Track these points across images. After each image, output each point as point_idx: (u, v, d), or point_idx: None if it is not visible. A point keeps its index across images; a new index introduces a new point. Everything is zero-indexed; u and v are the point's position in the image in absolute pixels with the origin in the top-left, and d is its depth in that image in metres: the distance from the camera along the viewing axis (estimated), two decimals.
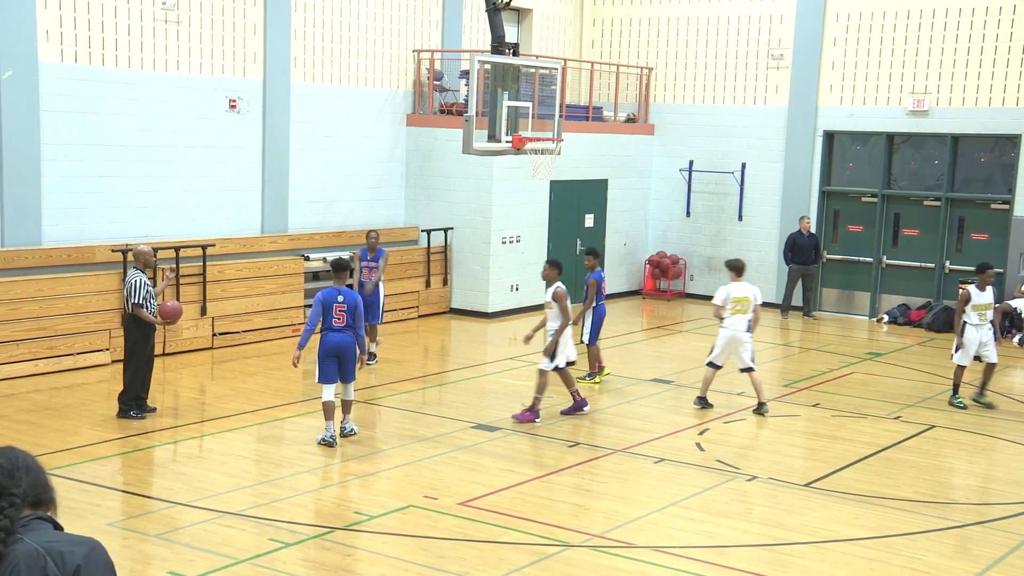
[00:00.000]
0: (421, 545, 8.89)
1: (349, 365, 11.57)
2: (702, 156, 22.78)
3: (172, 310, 12.43)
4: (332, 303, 11.44)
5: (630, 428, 12.79)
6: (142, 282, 12.15)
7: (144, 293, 12.15)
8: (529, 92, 16.66)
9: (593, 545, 9.03)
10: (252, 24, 17.43)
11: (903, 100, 20.78)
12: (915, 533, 9.60)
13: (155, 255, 12.91)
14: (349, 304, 11.44)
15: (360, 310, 11.53)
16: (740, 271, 13.76)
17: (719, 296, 13.64)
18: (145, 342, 12.42)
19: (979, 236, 20.60)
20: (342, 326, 11.43)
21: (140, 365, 12.40)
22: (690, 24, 22.88)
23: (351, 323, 11.45)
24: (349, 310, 11.43)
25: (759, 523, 9.76)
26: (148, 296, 12.22)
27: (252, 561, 8.41)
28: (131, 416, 12.31)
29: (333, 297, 11.45)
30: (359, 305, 11.54)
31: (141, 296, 12.14)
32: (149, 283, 12.30)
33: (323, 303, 11.44)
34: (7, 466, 3.30)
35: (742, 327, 13.46)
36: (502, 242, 19.94)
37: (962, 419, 13.68)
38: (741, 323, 13.47)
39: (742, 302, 13.46)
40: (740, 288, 13.56)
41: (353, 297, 11.53)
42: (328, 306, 11.44)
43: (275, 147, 17.94)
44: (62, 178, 15.21)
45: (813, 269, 21.17)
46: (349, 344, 11.47)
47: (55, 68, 15.00)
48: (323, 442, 11.58)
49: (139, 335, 12.40)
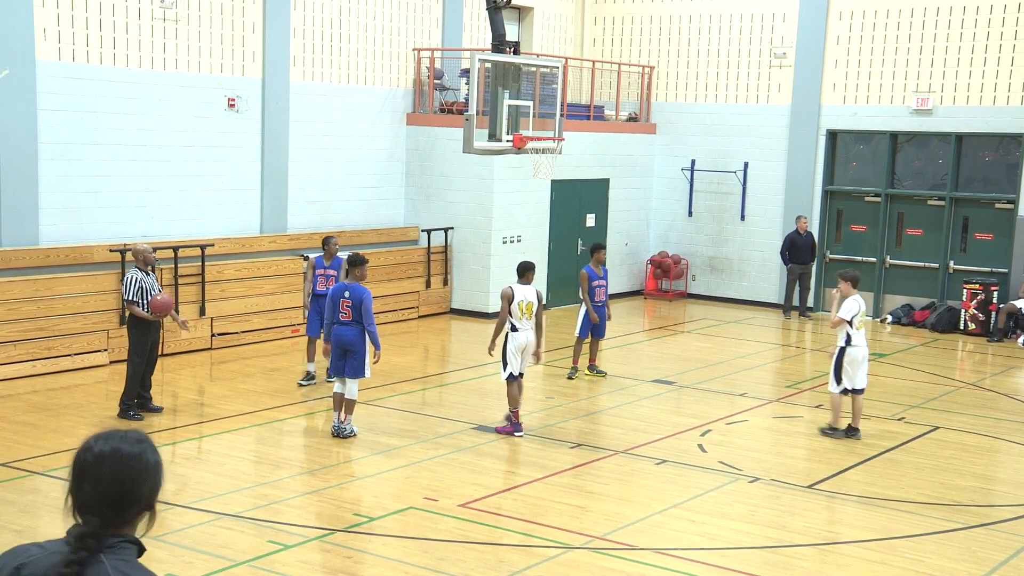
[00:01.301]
0: (421, 547, 8.82)
1: (353, 359, 11.77)
2: (704, 155, 22.70)
3: (161, 303, 12.38)
4: (339, 298, 11.80)
5: (631, 429, 12.70)
6: (135, 279, 12.21)
7: (136, 289, 12.18)
8: (530, 91, 16.58)
9: (594, 547, 8.95)
10: (251, 22, 17.35)
11: (907, 99, 20.69)
12: (919, 535, 9.52)
13: (154, 253, 12.91)
14: (354, 300, 11.73)
15: (367, 305, 11.73)
16: (856, 281, 12.57)
17: (849, 310, 12.28)
18: (143, 340, 12.37)
19: (983, 236, 20.50)
20: (348, 320, 11.73)
21: (138, 363, 12.36)
22: (692, 22, 22.79)
23: (357, 318, 11.69)
24: (354, 305, 11.71)
25: (761, 525, 9.68)
26: (142, 293, 12.22)
27: (251, 563, 8.34)
28: (131, 417, 12.25)
29: (340, 292, 11.83)
30: (364, 300, 11.72)
31: (133, 293, 12.20)
32: (145, 279, 12.29)
33: (331, 298, 11.90)
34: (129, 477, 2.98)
35: (863, 343, 12.47)
36: (503, 242, 19.85)
37: (966, 421, 13.59)
38: (861, 339, 12.44)
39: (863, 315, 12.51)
40: (861, 302, 12.48)
41: (359, 293, 11.75)
42: (335, 301, 11.82)
43: (274, 146, 17.86)
44: (60, 178, 15.13)
45: (810, 269, 21.08)
46: (354, 337, 11.73)
47: (52, 67, 14.92)
48: (334, 433, 11.87)
49: (136, 333, 12.40)
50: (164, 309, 12.40)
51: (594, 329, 15.03)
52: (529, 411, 13.43)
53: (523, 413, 13.20)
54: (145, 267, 12.41)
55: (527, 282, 12.37)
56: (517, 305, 12.19)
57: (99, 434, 3.02)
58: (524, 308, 12.19)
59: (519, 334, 12.18)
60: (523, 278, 12.40)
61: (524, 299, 12.21)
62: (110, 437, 3.01)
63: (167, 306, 12.46)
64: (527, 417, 13.03)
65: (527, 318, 12.21)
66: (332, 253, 14.28)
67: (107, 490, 2.93)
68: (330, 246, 14.35)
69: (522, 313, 12.18)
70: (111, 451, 2.98)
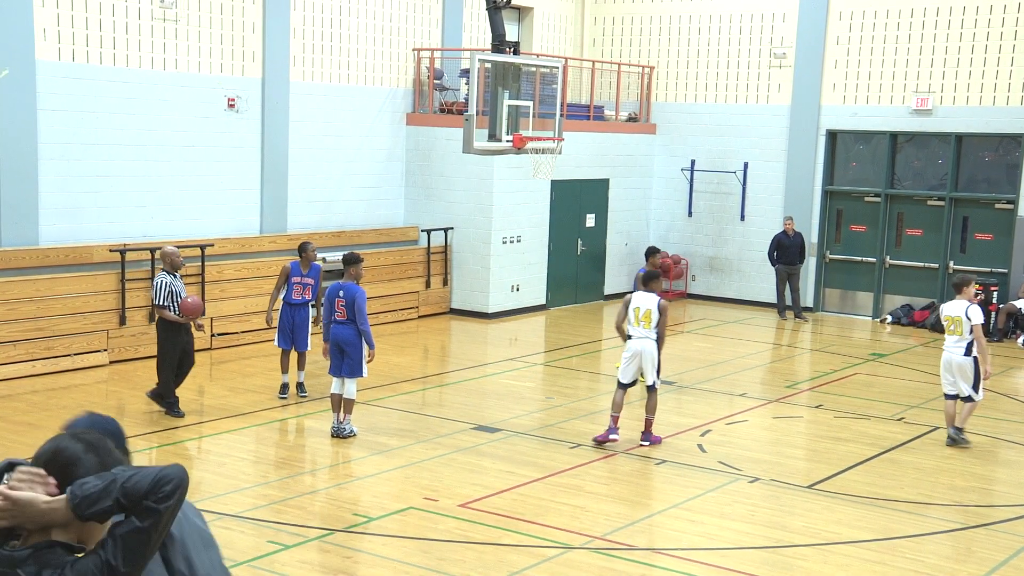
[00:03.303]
0: (421, 547, 8.81)
1: (349, 359, 11.81)
2: (704, 155, 22.70)
3: (192, 305, 12.42)
4: (334, 297, 11.84)
5: (631, 429, 12.69)
6: (164, 283, 12.32)
7: (166, 294, 12.30)
8: (530, 91, 16.57)
9: (594, 547, 8.95)
10: (251, 22, 17.35)
11: (906, 99, 20.68)
12: (919, 535, 9.52)
13: (180, 254, 12.95)
14: (347, 299, 11.76)
15: (359, 304, 11.74)
16: (959, 287, 12.42)
17: (979, 315, 12.21)
18: (174, 343, 12.47)
19: (983, 236, 20.50)
20: (344, 320, 11.79)
21: (165, 367, 12.49)
22: (692, 22, 22.79)
23: (352, 317, 11.74)
24: (347, 304, 11.75)
25: (761, 525, 9.68)
26: (172, 296, 12.32)
27: (251, 563, 8.33)
28: (175, 414, 12.45)
29: (336, 291, 11.87)
30: (357, 299, 11.74)
31: (162, 297, 12.32)
32: (174, 283, 12.38)
33: (327, 297, 11.97)
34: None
35: (956, 349, 12.27)
36: (503, 242, 19.85)
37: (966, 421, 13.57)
38: (954, 345, 12.29)
39: (954, 322, 12.26)
40: (952, 307, 12.34)
41: (352, 292, 11.77)
42: (331, 300, 11.88)
43: (274, 146, 17.85)
44: (59, 178, 15.12)
45: (799, 270, 21.05)
46: (350, 337, 11.78)
47: (52, 67, 14.91)
48: (333, 433, 11.88)
49: (163, 336, 12.55)
50: (195, 311, 12.43)
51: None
52: (529, 411, 13.43)
53: (523, 413, 13.22)
54: (174, 270, 12.52)
55: (650, 290, 12.05)
56: (632, 312, 11.96)
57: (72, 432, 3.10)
58: (641, 316, 11.92)
59: (632, 342, 12.00)
60: (646, 286, 12.10)
61: (640, 306, 11.95)
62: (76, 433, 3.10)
63: (197, 308, 12.49)
64: (527, 417, 13.04)
65: (643, 326, 11.94)
66: (309, 259, 13.46)
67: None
68: (307, 252, 13.46)
69: (637, 321, 11.97)
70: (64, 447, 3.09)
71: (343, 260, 12.15)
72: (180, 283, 12.50)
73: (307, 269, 13.48)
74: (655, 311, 11.83)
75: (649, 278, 12.23)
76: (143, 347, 15.37)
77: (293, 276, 13.41)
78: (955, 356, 12.29)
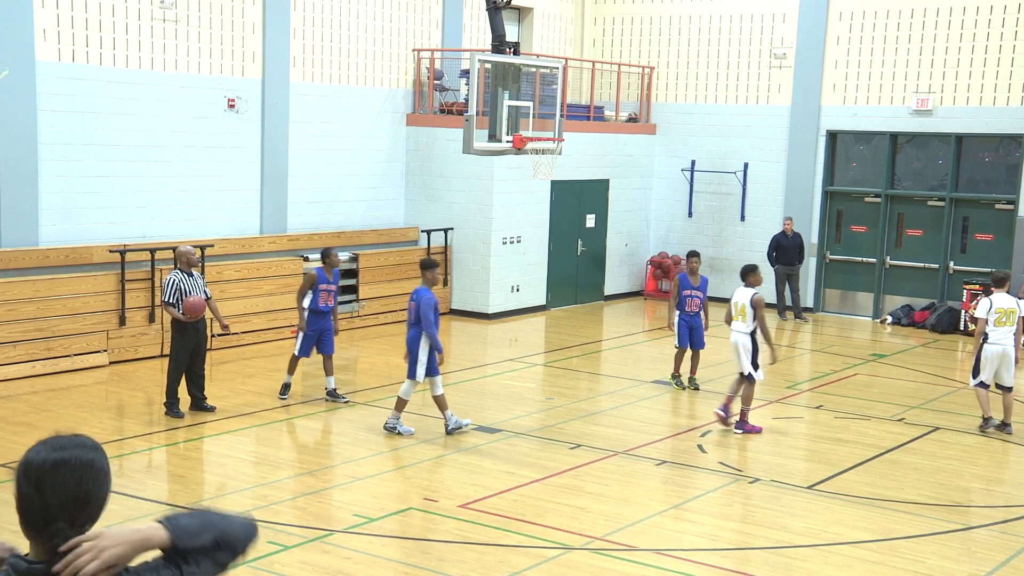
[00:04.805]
0: (421, 548, 8.81)
1: (409, 360, 12.04)
2: (704, 156, 22.69)
3: (192, 304, 12.40)
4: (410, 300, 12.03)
5: (631, 430, 12.69)
6: (174, 281, 12.35)
7: (173, 290, 12.32)
8: (530, 91, 16.56)
9: (594, 548, 8.94)
10: (251, 23, 17.35)
11: (907, 99, 20.68)
12: (919, 536, 9.51)
13: (196, 253, 12.99)
14: (416, 302, 11.89)
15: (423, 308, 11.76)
16: (1003, 282, 12.99)
17: (982, 308, 12.81)
18: (182, 341, 12.48)
19: (983, 236, 20.49)
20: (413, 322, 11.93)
21: (178, 364, 12.51)
22: (692, 23, 22.79)
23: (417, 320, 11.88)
24: (416, 307, 11.85)
25: (762, 526, 9.67)
26: (180, 295, 12.34)
27: (251, 564, 8.30)
28: (174, 414, 12.45)
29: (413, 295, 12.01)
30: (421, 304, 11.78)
31: (169, 294, 12.35)
32: (186, 281, 12.38)
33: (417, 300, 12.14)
34: None
35: (1009, 340, 12.70)
36: (503, 242, 19.85)
37: (966, 421, 13.57)
38: (1007, 336, 12.71)
39: (1007, 314, 12.69)
40: (1003, 299, 12.79)
41: (419, 296, 11.87)
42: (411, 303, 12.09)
43: (274, 147, 17.85)
44: (59, 178, 15.12)
45: (797, 270, 21.04)
46: (410, 338, 12.02)
47: (52, 67, 14.91)
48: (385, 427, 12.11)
49: (173, 335, 12.60)
50: (194, 310, 12.43)
51: (691, 340, 14.77)
52: (529, 411, 13.43)
53: (523, 413, 13.21)
54: (188, 268, 12.52)
55: (750, 285, 12.72)
56: (733, 306, 12.70)
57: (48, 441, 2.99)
58: (739, 311, 12.61)
59: (731, 335, 12.63)
60: (745, 280, 12.78)
61: (739, 302, 12.66)
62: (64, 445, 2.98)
63: (197, 308, 12.48)
64: (527, 418, 13.04)
65: (740, 320, 12.59)
66: (333, 265, 13.37)
67: (72, 494, 2.91)
68: (331, 258, 13.36)
69: (736, 315, 12.64)
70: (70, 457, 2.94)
71: (420, 264, 12.28)
72: (195, 282, 12.48)
73: (331, 275, 13.35)
74: (749, 307, 12.52)
75: (747, 272, 12.86)
76: (143, 348, 15.38)
77: (320, 283, 13.16)
78: (1009, 346, 12.69)
